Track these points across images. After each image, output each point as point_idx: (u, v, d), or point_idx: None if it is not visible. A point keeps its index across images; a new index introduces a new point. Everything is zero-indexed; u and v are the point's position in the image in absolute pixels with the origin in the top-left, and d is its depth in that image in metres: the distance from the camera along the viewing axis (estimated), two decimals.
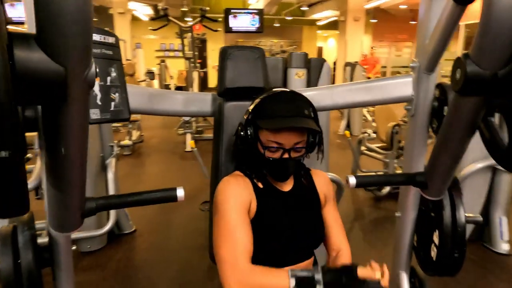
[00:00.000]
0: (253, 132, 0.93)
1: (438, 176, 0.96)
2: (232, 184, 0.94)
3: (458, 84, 0.68)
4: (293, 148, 0.91)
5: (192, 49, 5.63)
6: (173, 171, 4.21)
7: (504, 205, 2.33)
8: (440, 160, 0.93)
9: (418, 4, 3.71)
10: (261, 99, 0.94)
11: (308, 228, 1.01)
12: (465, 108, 0.76)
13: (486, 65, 0.63)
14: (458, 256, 1.10)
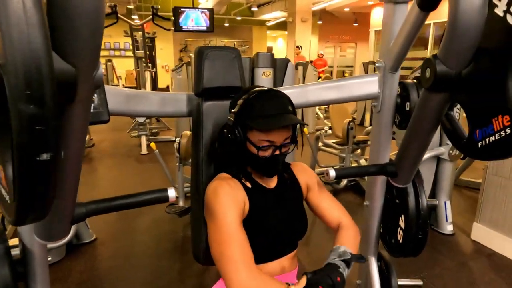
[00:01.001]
0: (242, 133, 0.94)
1: (406, 166, 1.07)
2: (226, 187, 0.94)
3: (428, 82, 0.76)
4: (283, 145, 0.95)
5: (143, 48, 5.44)
6: (130, 175, 4.05)
7: (448, 191, 2.59)
8: (408, 151, 1.03)
9: (360, 7, 3.99)
10: (245, 99, 0.94)
11: (294, 221, 1.06)
12: (433, 103, 0.85)
13: (452, 65, 0.72)
14: (422, 237, 1.22)
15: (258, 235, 0.97)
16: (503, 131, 0.68)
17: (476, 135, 0.76)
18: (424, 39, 8.83)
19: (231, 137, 0.94)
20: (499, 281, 2.04)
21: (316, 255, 2.32)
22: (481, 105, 0.75)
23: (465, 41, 0.68)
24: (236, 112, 0.94)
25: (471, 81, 0.73)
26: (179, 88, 5.12)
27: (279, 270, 1.02)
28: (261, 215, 0.99)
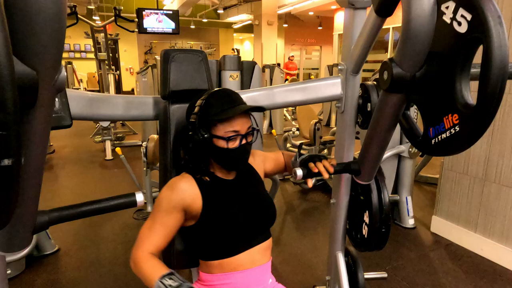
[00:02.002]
0: (207, 131, 0.97)
1: (368, 163, 1.12)
2: (169, 189, 0.99)
3: (386, 84, 0.81)
4: (247, 133, 1.00)
5: (106, 50, 5.26)
6: (94, 181, 3.89)
7: (409, 187, 2.73)
8: (370, 149, 1.07)
9: (324, 11, 4.11)
10: (204, 99, 0.99)
11: (260, 208, 1.08)
12: (390, 103, 0.90)
13: (407, 68, 0.77)
14: (385, 231, 1.28)
15: (221, 227, 1.00)
16: (453, 129, 0.73)
17: (430, 133, 0.81)
18: (384, 42, 9.24)
19: (198, 137, 0.97)
20: (457, 269, 2.18)
21: (287, 254, 2.36)
22: (433, 105, 0.80)
23: (417, 45, 0.73)
24: (197, 112, 0.99)
25: (424, 83, 0.78)
26: (145, 91, 5.01)
27: (249, 263, 1.03)
28: (222, 208, 1.01)
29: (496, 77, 0.61)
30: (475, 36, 0.64)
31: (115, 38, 7.85)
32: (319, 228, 2.76)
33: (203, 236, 1.01)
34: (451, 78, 0.72)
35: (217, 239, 1.00)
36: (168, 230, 0.98)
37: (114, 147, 4.40)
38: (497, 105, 0.63)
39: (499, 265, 2.20)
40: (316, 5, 10.25)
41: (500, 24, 0.60)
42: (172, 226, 0.98)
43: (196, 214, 1.00)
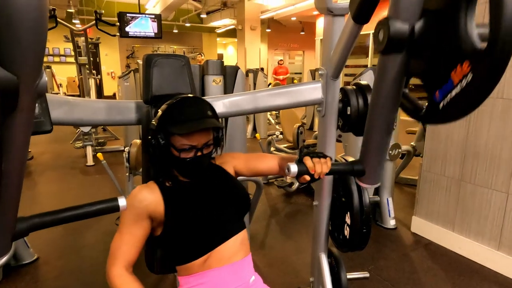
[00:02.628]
0: (164, 138, 0.98)
1: (373, 162, 1.01)
2: (131, 199, 1.00)
3: (383, 43, 0.72)
4: (203, 147, 1.00)
5: (87, 54, 5.17)
6: (75, 188, 3.81)
7: (389, 188, 2.80)
8: (372, 142, 0.96)
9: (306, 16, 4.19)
10: (167, 105, 0.99)
11: (228, 199, 1.08)
12: (391, 69, 0.78)
13: (404, 18, 0.69)
14: (366, 231, 1.32)
15: (185, 228, 1.00)
16: (464, 80, 0.61)
17: (436, 97, 0.69)
18: (365, 47, 9.45)
19: (155, 143, 0.98)
20: (436, 267, 2.24)
21: (271, 257, 2.37)
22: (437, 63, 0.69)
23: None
24: (158, 118, 0.99)
25: (424, 37, 0.69)
26: (127, 95, 4.94)
27: (226, 258, 1.02)
28: (183, 209, 1.01)
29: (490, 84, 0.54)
30: None
31: (96, 42, 7.71)
32: (303, 230, 2.79)
33: (172, 241, 1.02)
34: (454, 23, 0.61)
35: (185, 240, 1.01)
36: (137, 241, 0.99)
37: (96, 153, 4.32)
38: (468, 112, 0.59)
39: (475, 263, 2.28)
40: (299, 11, 10.39)
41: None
42: (140, 236, 0.99)
43: (161, 220, 1.00)
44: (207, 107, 1.01)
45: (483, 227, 2.26)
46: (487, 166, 2.20)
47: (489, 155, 2.19)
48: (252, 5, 10.38)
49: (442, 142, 2.46)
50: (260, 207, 3.16)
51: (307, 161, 0.99)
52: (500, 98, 2.09)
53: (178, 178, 1.06)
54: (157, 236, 1.03)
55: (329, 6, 1.15)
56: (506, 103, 2.07)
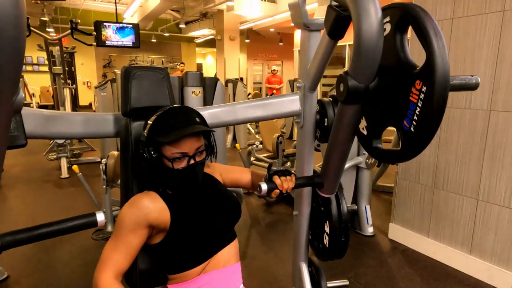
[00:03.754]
0: (155, 150, 0.98)
1: (331, 176, 1.17)
2: (131, 206, 0.98)
3: (343, 95, 0.84)
4: (195, 154, 1.00)
5: (61, 63, 5.05)
6: (48, 202, 3.67)
7: (367, 196, 2.86)
8: (331, 161, 1.13)
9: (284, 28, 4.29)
10: (156, 117, 1.00)
11: (224, 208, 1.11)
12: (348, 115, 0.94)
13: (361, 80, 0.81)
14: (345, 240, 1.34)
15: (192, 235, 1.01)
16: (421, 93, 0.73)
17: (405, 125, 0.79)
18: (341, 58, 9.70)
19: (147, 156, 0.98)
20: (413, 273, 2.30)
21: (253, 267, 2.36)
22: (381, 118, 0.88)
23: (368, 59, 0.78)
24: (147, 131, 0.99)
25: (376, 93, 0.84)
26: (104, 105, 4.85)
27: (223, 262, 1.07)
28: (190, 216, 1.03)
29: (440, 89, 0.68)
30: None
31: (72, 51, 7.56)
32: (284, 240, 2.80)
33: (174, 249, 1.01)
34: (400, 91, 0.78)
35: (189, 247, 1.01)
36: (132, 250, 0.97)
37: (71, 165, 4.19)
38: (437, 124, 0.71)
39: (450, 267, 2.36)
40: (277, 22, 10.57)
41: (441, 39, 0.68)
42: (136, 245, 0.97)
43: (165, 227, 0.99)
44: (195, 115, 1.02)
45: (455, 233, 2.35)
46: (458, 173, 2.30)
47: (459, 162, 2.29)
48: (231, 16, 10.48)
49: None
50: (241, 218, 3.15)
51: (275, 179, 1.10)
52: (468, 109, 2.20)
53: (176, 187, 1.06)
54: (153, 244, 1.02)
55: (305, 21, 1.19)
56: (473, 113, 2.18)
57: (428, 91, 0.70)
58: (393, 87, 0.81)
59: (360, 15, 0.74)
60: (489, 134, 2.11)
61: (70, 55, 8.17)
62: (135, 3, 9.72)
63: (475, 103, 2.17)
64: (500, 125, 2.06)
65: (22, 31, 0.44)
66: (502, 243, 2.11)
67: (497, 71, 2.04)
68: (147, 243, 1.02)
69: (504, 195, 2.07)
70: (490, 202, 2.15)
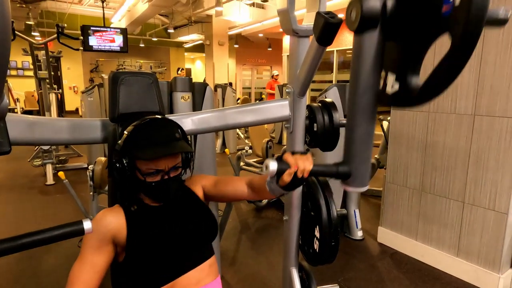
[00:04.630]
0: (129, 162, 0.96)
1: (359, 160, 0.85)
2: (94, 223, 0.94)
3: (356, 22, 0.70)
4: (171, 170, 0.98)
5: (47, 68, 4.96)
6: (32, 209, 3.58)
7: (356, 200, 2.89)
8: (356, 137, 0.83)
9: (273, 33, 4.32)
10: (133, 127, 0.97)
11: (197, 226, 1.05)
12: (368, 46, 0.73)
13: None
14: (335, 244, 1.35)
15: (149, 254, 0.97)
16: None
17: None
18: (330, 64, 9.81)
19: (119, 166, 0.95)
20: (401, 276, 2.32)
21: (243, 273, 2.34)
22: (413, 39, 0.68)
23: None
24: (124, 140, 0.96)
25: (397, 10, 0.69)
26: (91, 111, 4.78)
27: (195, 282, 1.01)
28: (147, 234, 0.98)
29: None
30: None
31: (58, 55, 7.44)
32: (274, 245, 2.79)
33: (134, 268, 0.98)
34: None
35: (148, 267, 0.97)
36: (98, 269, 0.93)
37: (57, 171, 4.11)
38: None
39: (438, 269, 2.38)
40: (265, 28, 10.64)
41: None
42: (102, 263, 0.94)
43: (123, 246, 0.97)
44: (175, 129, 0.99)
45: (443, 235, 2.38)
46: (444, 177, 2.34)
47: (445, 166, 2.33)
48: (220, 21, 10.50)
49: (403, 154, 2.59)
50: (230, 223, 3.14)
51: (288, 157, 0.83)
52: (453, 113, 2.25)
53: (144, 202, 1.03)
54: (119, 262, 1.00)
55: (294, 28, 1.20)
56: (458, 117, 2.22)
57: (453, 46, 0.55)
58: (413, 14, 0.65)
59: None
60: (474, 138, 2.16)
61: (56, 59, 8.05)
62: (123, 8, 9.65)
63: (460, 107, 2.21)
64: (484, 130, 2.11)
65: (6, 35, 0.44)
66: (487, 245, 2.15)
67: (480, 76, 2.10)
68: (117, 261, 1.00)
69: (489, 198, 2.12)
70: (475, 205, 2.19)
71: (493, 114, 2.06)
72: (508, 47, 1.97)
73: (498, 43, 2.00)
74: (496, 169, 2.07)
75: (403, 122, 2.55)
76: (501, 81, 2.01)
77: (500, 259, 2.10)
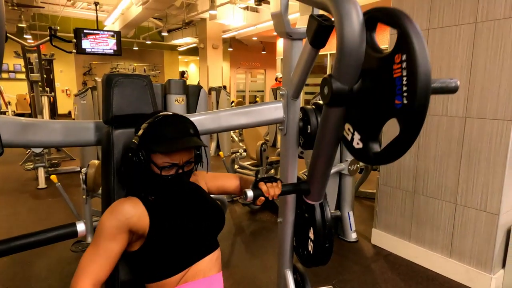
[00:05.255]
0: (145, 156, 0.98)
1: (317, 182, 1.17)
2: (112, 212, 0.97)
3: (327, 98, 0.83)
4: (185, 164, 1.02)
5: (39, 71, 4.92)
6: (25, 213, 3.54)
7: (350, 202, 2.90)
8: (317, 167, 1.12)
9: (267, 37, 4.33)
10: (149, 123, 1.00)
11: (207, 216, 1.11)
12: (332, 118, 0.93)
13: (345, 82, 0.81)
14: (329, 246, 1.35)
15: (171, 241, 1.00)
16: None
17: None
18: (323, 67, 9.87)
19: (136, 160, 0.98)
20: (395, 278, 2.33)
21: (238, 276, 2.34)
22: (371, 117, 0.83)
23: (350, 63, 0.78)
24: (140, 135, 0.99)
25: (361, 95, 0.83)
26: (84, 114, 4.75)
27: (202, 273, 1.05)
28: (169, 221, 1.02)
29: (423, 86, 0.66)
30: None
31: (50, 58, 7.39)
32: (268, 247, 2.79)
33: (152, 256, 1.00)
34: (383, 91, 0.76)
35: (167, 255, 1.00)
36: (112, 257, 0.95)
37: (49, 175, 4.07)
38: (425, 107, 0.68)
39: (431, 271, 2.40)
40: (259, 31, 10.68)
41: (422, 39, 0.67)
42: (116, 251, 0.95)
43: (143, 233, 0.98)
44: (189, 125, 1.03)
45: (435, 236, 2.40)
46: (436, 179, 2.37)
47: (437, 168, 2.35)
48: (214, 25, 10.52)
49: None
50: (225, 226, 3.12)
51: (261, 186, 1.08)
52: (444, 116, 2.28)
53: (160, 193, 1.06)
54: (132, 252, 1.01)
55: (287, 30, 1.21)
56: (449, 120, 2.25)
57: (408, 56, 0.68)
58: (376, 80, 0.79)
59: (342, 19, 0.75)
60: (465, 140, 2.19)
61: (49, 62, 8.00)
62: (116, 11, 9.62)
63: (451, 110, 2.24)
64: (475, 132, 2.14)
65: (0, 38, 0.44)
66: (479, 246, 2.18)
67: (471, 79, 2.13)
68: (126, 251, 1.01)
69: (480, 199, 2.14)
70: (467, 206, 2.21)
71: (484, 116, 2.09)
72: (497, 51, 2.00)
73: (488, 48, 2.04)
74: (487, 171, 2.10)
75: (396, 125, 2.57)
76: (491, 84, 2.05)
77: (492, 259, 2.12)
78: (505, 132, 2.00)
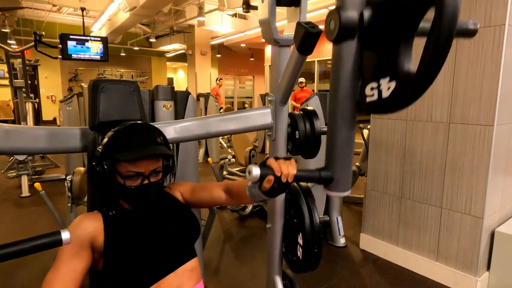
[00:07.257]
0: (109, 165, 0.95)
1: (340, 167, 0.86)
2: (72, 228, 0.94)
3: (335, 32, 0.72)
4: (151, 174, 0.98)
5: (24, 77, 4.83)
6: (7, 222, 3.44)
7: (338, 207, 2.92)
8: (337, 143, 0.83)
9: (255, 43, 4.36)
10: (114, 131, 0.97)
11: (177, 227, 1.06)
12: (345, 57, 0.75)
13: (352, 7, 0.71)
14: (317, 251, 1.35)
15: (128, 258, 0.96)
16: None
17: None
18: (311, 74, 9.98)
19: (99, 170, 0.95)
20: (384, 282, 2.35)
21: (226, 283, 2.32)
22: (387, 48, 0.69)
23: None
24: (105, 144, 0.96)
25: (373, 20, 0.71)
26: (69, 120, 4.67)
27: (177, 285, 1.00)
28: (124, 238, 0.97)
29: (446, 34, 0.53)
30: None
31: (35, 64, 7.26)
32: (257, 254, 2.78)
33: (114, 272, 0.96)
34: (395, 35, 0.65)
35: (127, 273, 0.96)
36: (76, 276, 0.90)
37: (33, 183, 3.97)
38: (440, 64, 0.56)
39: (419, 275, 2.43)
40: (248, 38, 10.74)
41: None
42: (80, 269, 0.91)
43: (101, 251, 0.95)
44: (157, 134, 1.00)
45: (422, 240, 2.44)
46: (422, 183, 2.41)
47: (423, 172, 2.39)
48: (202, 31, 10.54)
49: (383, 162, 2.64)
50: (213, 233, 3.11)
51: (271, 162, 0.82)
52: (429, 122, 2.32)
53: (123, 207, 1.03)
54: (99, 271, 0.98)
55: (275, 37, 1.22)
56: (434, 125, 2.30)
57: None
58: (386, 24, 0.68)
59: None
60: (449, 145, 2.24)
61: (33, 68, 7.85)
62: (103, 17, 9.55)
63: (435, 116, 2.29)
64: (459, 137, 2.19)
65: None
66: (465, 249, 2.21)
67: (454, 86, 2.19)
68: (95, 270, 0.98)
69: (465, 202, 2.19)
70: (452, 209, 2.26)
71: (467, 122, 2.14)
72: (478, 58, 2.06)
73: (470, 55, 2.10)
74: (471, 175, 2.15)
75: (383, 131, 2.61)
76: (473, 91, 2.10)
77: (477, 262, 2.16)
78: (487, 137, 2.05)
